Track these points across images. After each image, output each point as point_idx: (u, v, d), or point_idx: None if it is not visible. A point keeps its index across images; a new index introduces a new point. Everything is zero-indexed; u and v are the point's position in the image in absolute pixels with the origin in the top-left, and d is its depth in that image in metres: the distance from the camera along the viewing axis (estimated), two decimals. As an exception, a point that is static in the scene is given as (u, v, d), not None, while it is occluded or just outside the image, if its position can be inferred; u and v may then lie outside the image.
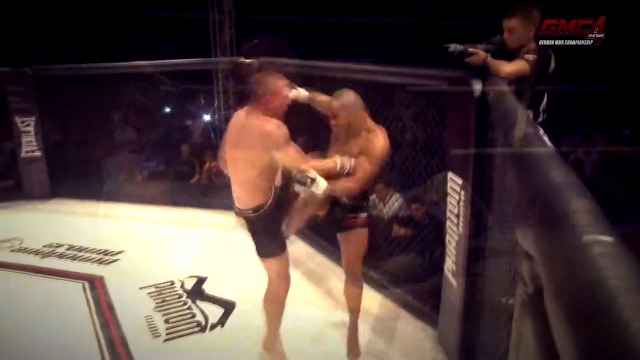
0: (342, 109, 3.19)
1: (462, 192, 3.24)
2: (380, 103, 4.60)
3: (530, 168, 1.24)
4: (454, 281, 3.42)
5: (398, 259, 4.52)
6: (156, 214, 6.98)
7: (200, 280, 4.83)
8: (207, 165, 7.57)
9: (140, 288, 4.69)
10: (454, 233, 3.39)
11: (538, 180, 1.12)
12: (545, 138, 1.57)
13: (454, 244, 3.41)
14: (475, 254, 3.23)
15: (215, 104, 8.15)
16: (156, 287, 4.71)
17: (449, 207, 3.44)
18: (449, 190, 3.42)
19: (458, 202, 3.30)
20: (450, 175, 3.40)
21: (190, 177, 7.96)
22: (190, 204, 7.11)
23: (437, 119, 3.81)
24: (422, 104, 4.00)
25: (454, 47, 3.18)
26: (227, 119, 8.62)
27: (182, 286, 4.73)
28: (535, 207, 1.03)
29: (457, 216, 3.32)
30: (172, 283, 4.79)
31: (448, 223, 3.48)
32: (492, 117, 2.83)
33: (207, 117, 9.10)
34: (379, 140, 3.16)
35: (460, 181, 3.26)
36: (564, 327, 0.71)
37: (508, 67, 3.09)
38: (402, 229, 4.93)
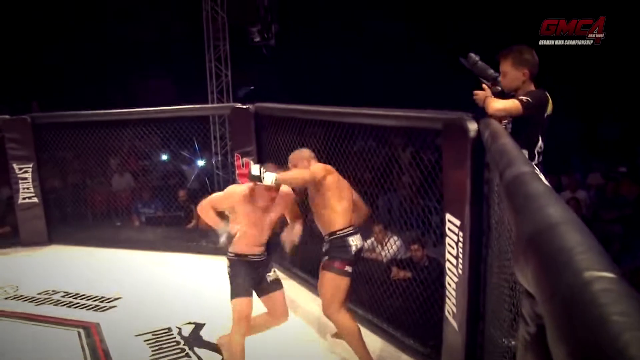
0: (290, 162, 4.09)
1: (461, 233, 3.22)
2: (376, 146, 4.64)
3: (528, 205, 1.23)
4: (454, 323, 3.37)
5: (398, 301, 4.47)
6: (153, 259, 6.93)
7: (198, 327, 4.75)
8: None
9: (137, 335, 4.61)
10: (454, 275, 3.35)
11: (535, 217, 1.12)
12: (542, 177, 1.57)
13: (453, 285, 3.36)
14: (475, 295, 3.20)
15: (212, 148, 8.25)
16: (153, 334, 4.63)
17: (448, 248, 3.41)
18: (447, 231, 3.39)
19: (457, 243, 3.27)
20: (448, 216, 3.38)
21: (187, 223, 7.96)
22: (188, 250, 7.08)
23: (434, 161, 3.82)
24: (418, 146, 4.00)
25: (474, 56, 3.21)
26: (223, 165, 8.75)
27: (179, 333, 4.65)
28: (533, 244, 1.03)
29: (456, 257, 3.29)
30: (169, 330, 4.71)
31: (447, 265, 3.44)
32: (488, 157, 2.85)
33: (202, 163, 9.17)
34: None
35: (458, 222, 3.25)
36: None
37: (498, 104, 3.11)
38: (401, 271, 4.91)
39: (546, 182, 1.47)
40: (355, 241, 3.82)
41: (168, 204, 8.26)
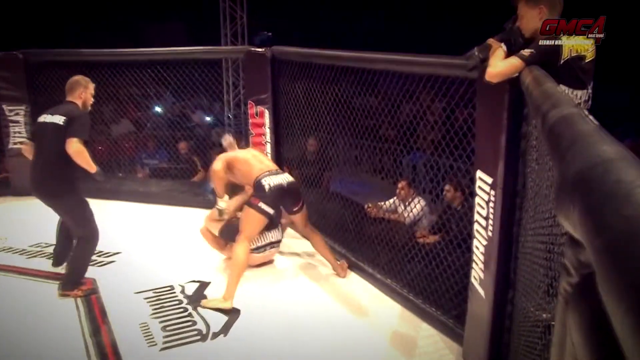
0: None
1: (492, 192, 3.19)
2: (402, 96, 4.57)
3: (577, 144, 1.16)
4: (481, 291, 3.34)
5: (419, 266, 4.44)
6: (157, 213, 6.99)
7: (203, 285, 4.77)
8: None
9: (136, 293, 4.64)
10: (482, 237, 3.33)
11: (586, 154, 1.04)
12: (591, 117, 1.48)
13: (481, 249, 3.34)
14: (505, 260, 3.17)
15: (224, 96, 8.18)
16: (154, 292, 4.65)
17: (477, 208, 3.39)
18: (477, 190, 3.37)
19: (487, 203, 3.25)
20: (479, 173, 3.34)
21: (192, 176, 7.97)
22: (194, 204, 7.12)
23: (466, 113, 3.74)
24: (449, 96, 3.92)
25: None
26: (235, 115, 8.70)
27: (182, 291, 4.67)
28: (583, 181, 0.95)
29: (486, 218, 3.27)
30: (172, 288, 4.73)
31: (475, 226, 3.42)
32: (528, 106, 2.77)
33: (209, 119, 9.13)
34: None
35: (490, 179, 3.21)
36: (627, 309, 0.63)
37: (493, 69, 2.98)
38: (429, 235, 4.91)
39: (596, 122, 1.39)
40: (268, 181, 4.67)
41: (174, 155, 8.29)
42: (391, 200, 5.72)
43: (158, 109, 9.04)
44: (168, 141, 8.33)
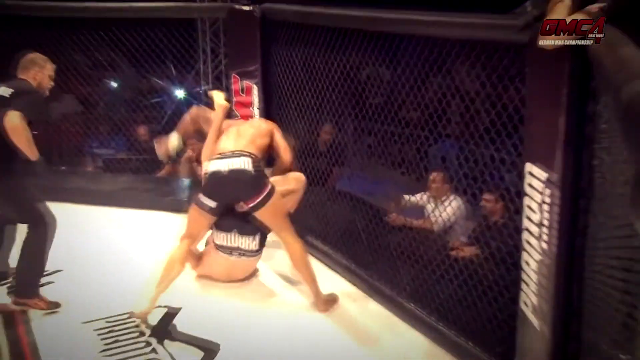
0: None
1: (548, 191, 3.15)
2: (428, 68, 4.52)
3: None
4: (535, 321, 3.31)
5: (452, 286, 4.43)
6: (111, 218, 6.97)
7: (171, 313, 4.73)
8: (188, 153, 7.51)
9: (83, 323, 4.58)
10: (534, 250, 3.30)
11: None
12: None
13: (534, 266, 3.31)
14: (567, 281, 3.12)
15: (201, 67, 8.08)
16: (107, 322, 4.61)
17: (527, 212, 3.37)
18: (527, 188, 3.35)
19: (541, 205, 3.22)
20: (529, 167, 3.32)
21: (157, 170, 7.94)
22: (159, 206, 7.12)
23: (512, 89, 3.70)
24: (490, 67, 3.87)
25: None
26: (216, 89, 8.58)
27: (144, 320, 4.63)
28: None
29: (540, 225, 3.24)
30: (130, 316, 4.69)
31: (525, 236, 3.40)
32: (597, 79, 2.76)
33: (182, 93, 9.05)
34: None
35: (544, 175, 3.18)
36: None
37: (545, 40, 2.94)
38: (464, 246, 4.87)
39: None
40: (210, 166, 4.89)
41: (135, 143, 8.29)
42: (418, 195, 5.63)
43: (113, 83, 8.97)
44: (127, 125, 8.30)
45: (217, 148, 5.02)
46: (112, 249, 6.04)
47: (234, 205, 5.08)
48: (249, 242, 5.17)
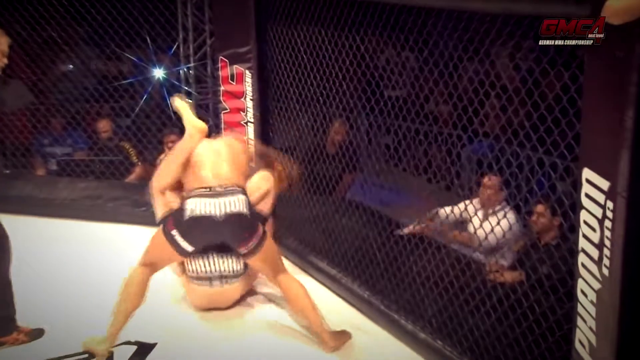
0: None
1: (610, 204, 3.13)
2: (461, 51, 4.54)
3: None
4: (591, 363, 3.30)
5: (490, 320, 4.42)
6: (68, 234, 6.97)
7: (143, 349, 4.77)
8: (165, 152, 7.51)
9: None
10: (593, 277, 3.28)
11: None
12: None
13: (592, 296, 3.29)
14: (635, 316, 3.11)
15: (180, 48, 8.04)
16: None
17: (584, 229, 3.34)
18: (583, 201, 3.33)
19: (601, 222, 3.19)
20: (586, 173, 3.30)
21: (125, 174, 7.92)
22: (129, 219, 7.17)
23: (567, 77, 3.72)
24: (538, 49, 3.90)
25: None
26: (197, 78, 8.61)
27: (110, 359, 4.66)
28: None
29: (599, 247, 3.21)
30: (88, 355, 4.71)
31: (581, 259, 3.38)
32: None
33: (160, 73, 9.02)
34: None
35: (605, 184, 3.16)
36: None
37: (617, 1, 2.95)
38: (504, 270, 4.84)
39: None
40: (196, 204, 4.86)
41: (96, 140, 8.28)
42: (461, 205, 5.46)
43: (70, 66, 8.97)
44: (87, 118, 8.33)
45: (200, 178, 5.02)
46: (69, 272, 6.07)
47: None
48: (230, 263, 5.22)
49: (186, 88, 8.22)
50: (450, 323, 4.67)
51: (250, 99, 6.21)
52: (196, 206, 4.82)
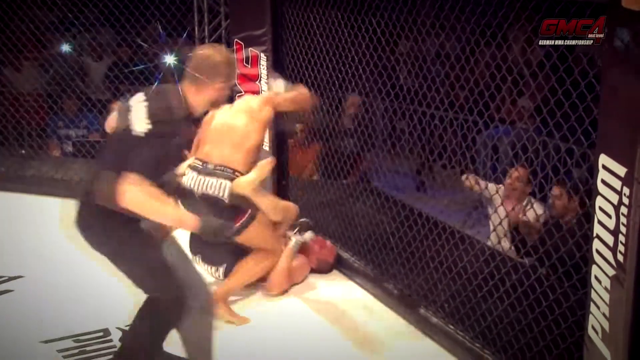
0: None
1: (626, 190, 3.10)
2: (478, 33, 4.52)
3: None
4: (606, 352, 3.29)
5: (503, 305, 4.41)
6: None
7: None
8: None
9: (45, 342, 4.62)
10: (607, 264, 3.26)
11: None
12: None
13: (606, 284, 3.28)
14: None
15: (195, 30, 8.04)
16: (75, 341, 4.64)
17: (599, 216, 3.33)
18: (599, 186, 3.31)
19: (617, 208, 3.17)
20: (603, 160, 3.28)
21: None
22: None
23: (585, 61, 3.69)
24: (558, 30, 3.87)
25: None
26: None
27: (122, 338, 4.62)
28: None
29: (614, 233, 3.19)
30: (104, 333, 4.73)
31: (595, 245, 3.37)
32: None
33: (172, 59, 9.02)
34: None
35: (622, 170, 3.13)
36: None
37: None
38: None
39: None
40: (190, 176, 4.92)
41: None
42: (492, 187, 5.39)
43: (86, 49, 8.97)
44: (103, 99, 8.28)
45: (201, 149, 5.07)
46: (84, 252, 6.05)
47: None
48: (211, 272, 5.29)
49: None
50: (463, 307, 4.68)
51: (265, 82, 6.16)
52: (185, 173, 4.89)
